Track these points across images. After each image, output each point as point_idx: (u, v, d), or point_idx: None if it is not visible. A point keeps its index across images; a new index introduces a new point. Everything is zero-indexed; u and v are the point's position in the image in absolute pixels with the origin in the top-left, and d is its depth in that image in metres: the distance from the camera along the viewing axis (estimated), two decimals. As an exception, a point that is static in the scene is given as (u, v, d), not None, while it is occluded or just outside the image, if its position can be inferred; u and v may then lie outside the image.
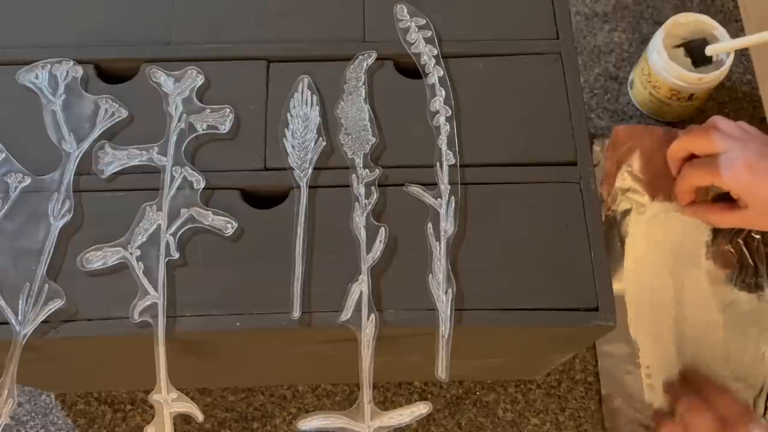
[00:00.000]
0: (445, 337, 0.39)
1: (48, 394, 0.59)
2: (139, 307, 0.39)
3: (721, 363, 0.60)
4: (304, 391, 0.60)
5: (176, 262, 0.40)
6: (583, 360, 0.61)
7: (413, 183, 0.42)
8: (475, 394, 0.60)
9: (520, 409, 0.60)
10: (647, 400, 0.59)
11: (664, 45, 0.63)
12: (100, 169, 0.42)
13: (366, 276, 0.40)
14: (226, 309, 0.39)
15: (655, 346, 0.61)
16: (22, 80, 0.44)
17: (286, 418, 0.59)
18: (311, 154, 0.43)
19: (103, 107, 0.44)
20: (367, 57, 0.45)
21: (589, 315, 0.40)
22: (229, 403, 0.59)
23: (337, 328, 0.39)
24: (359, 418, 0.39)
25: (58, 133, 0.43)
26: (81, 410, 0.59)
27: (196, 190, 0.42)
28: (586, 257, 0.41)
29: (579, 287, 0.40)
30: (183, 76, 0.45)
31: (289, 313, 0.39)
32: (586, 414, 0.60)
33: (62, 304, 0.39)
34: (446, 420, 0.59)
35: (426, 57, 0.45)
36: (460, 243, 0.41)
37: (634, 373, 0.60)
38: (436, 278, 0.40)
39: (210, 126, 0.43)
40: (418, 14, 0.47)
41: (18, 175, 0.42)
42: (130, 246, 0.40)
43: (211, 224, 0.41)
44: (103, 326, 0.39)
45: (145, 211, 0.41)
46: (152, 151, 0.43)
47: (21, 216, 0.41)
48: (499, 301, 0.40)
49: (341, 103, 0.44)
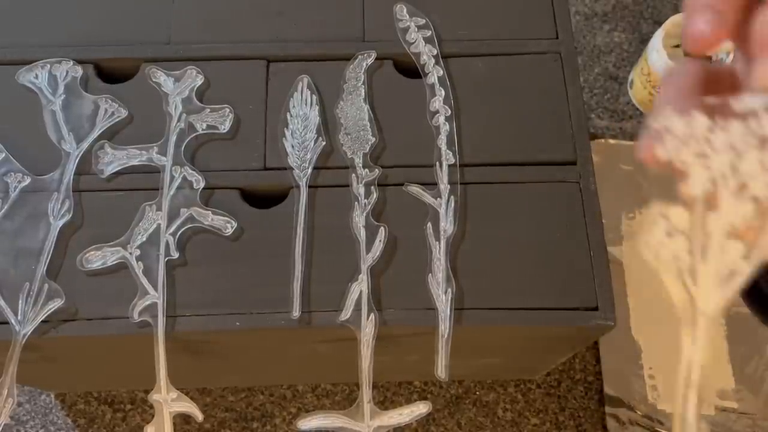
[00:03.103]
0: (444, 336, 0.39)
1: (48, 394, 0.59)
2: (138, 306, 0.39)
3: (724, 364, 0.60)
4: (304, 391, 0.60)
5: (176, 262, 0.40)
6: (583, 359, 0.61)
7: (413, 182, 0.42)
8: (475, 394, 0.60)
9: (520, 408, 0.60)
10: (650, 400, 0.59)
11: (664, 45, 0.63)
12: (100, 169, 0.42)
13: (366, 275, 0.40)
14: (226, 309, 0.39)
15: (658, 346, 0.61)
16: (21, 80, 0.44)
17: (286, 418, 0.59)
18: (311, 154, 0.43)
19: (103, 107, 0.44)
20: (366, 57, 0.45)
21: (589, 314, 0.40)
22: (229, 402, 0.59)
23: (337, 327, 0.39)
24: (359, 418, 0.39)
25: (57, 132, 0.43)
26: (81, 410, 0.59)
27: (195, 190, 0.42)
28: (586, 256, 0.41)
29: (579, 286, 0.40)
30: (183, 76, 0.45)
31: (288, 312, 0.39)
32: (586, 414, 0.60)
33: (62, 303, 0.39)
34: (446, 420, 0.59)
35: (425, 57, 0.45)
36: (460, 242, 0.41)
37: (637, 374, 0.60)
38: (436, 278, 0.40)
39: (209, 126, 0.43)
40: (418, 14, 0.47)
41: (18, 174, 0.42)
42: (129, 246, 0.40)
43: (211, 224, 0.41)
44: (102, 326, 0.39)
45: (145, 210, 0.41)
46: (152, 151, 0.43)
47: (21, 216, 0.41)
48: (498, 301, 0.40)
49: (341, 102, 0.44)
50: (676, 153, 0.22)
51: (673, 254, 0.23)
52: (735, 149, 0.21)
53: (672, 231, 0.22)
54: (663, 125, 0.22)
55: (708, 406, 0.59)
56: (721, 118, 0.21)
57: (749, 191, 0.21)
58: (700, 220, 0.22)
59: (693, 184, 0.22)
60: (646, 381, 0.60)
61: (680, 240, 0.22)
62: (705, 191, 0.22)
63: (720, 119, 0.21)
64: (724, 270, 0.22)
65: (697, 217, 0.22)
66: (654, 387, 0.60)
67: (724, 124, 0.21)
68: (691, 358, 0.24)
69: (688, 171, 0.22)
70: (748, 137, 0.21)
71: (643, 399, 0.59)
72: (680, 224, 0.22)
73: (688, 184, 0.22)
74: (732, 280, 0.22)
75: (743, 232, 0.21)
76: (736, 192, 0.21)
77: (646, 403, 0.59)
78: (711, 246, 0.22)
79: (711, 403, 0.59)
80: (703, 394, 0.25)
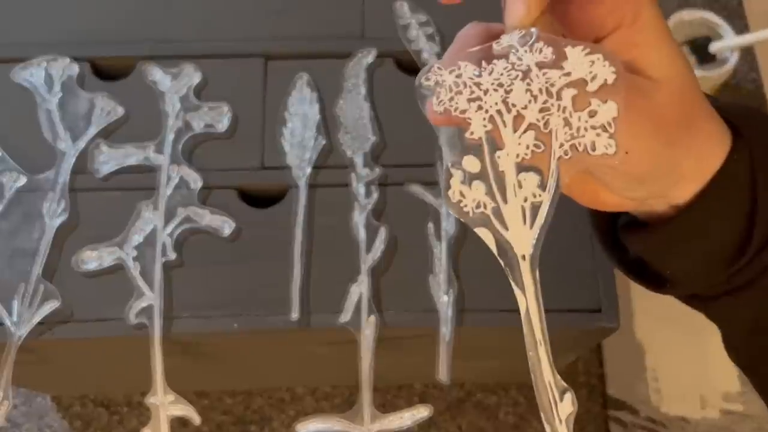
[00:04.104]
0: (446, 338, 0.38)
1: (43, 396, 0.59)
2: (135, 308, 0.38)
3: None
4: (303, 394, 0.59)
5: (173, 263, 0.40)
6: (586, 362, 0.61)
7: (414, 182, 0.42)
8: (477, 397, 0.60)
9: (522, 411, 0.59)
10: (653, 403, 0.59)
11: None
12: (96, 168, 0.42)
13: (366, 276, 0.39)
14: (224, 310, 0.39)
15: (662, 348, 0.60)
16: (16, 78, 0.44)
17: (285, 421, 0.58)
18: (310, 153, 0.42)
19: (99, 105, 0.43)
20: (366, 54, 0.45)
21: (593, 316, 0.39)
22: (227, 405, 0.59)
23: (337, 329, 0.39)
24: (359, 421, 0.39)
25: (53, 131, 0.43)
26: (77, 412, 0.58)
27: (193, 190, 0.41)
28: (589, 257, 0.40)
29: (582, 288, 0.40)
30: (180, 74, 0.44)
31: (287, 314, 0.39)
32: (589, 416, 0.59)
33: (58, 305, 0.38)
34: (447, 423, 0.59)
35: (427, 54, 0.45)
36: (462, 243, 0.41)
37: (641, 376, 0.60)
38: (437, 279, 0.39)
39: (207, 124, 0.43)
40: (419, 11, 0.46)
41: (13, 174, 0.41)
42: (126, 246, 0.40)
43: (209, 224, 0.40)
44: (98, 328, 0.39)
45: (142, 210, 0.40)
46: (149, 150, 0.42)
47: (16, 215, 0.41)
48: (500, 302, 0.40)
49: (340, 101, 0.44)
50: (450, 104, 0.23)
51: (475, 201, 0.23)
52: (503, 85, 0.22)
53: (468, 179, 0.23)
54: (433, 80, 0.24)
55: (712, 408, 0.59)
56: (488, 63, 0.23)
57: (525, 120, 0.22)
58: (491, 161, 0.23)
59: (474, 128, 0.23)
60: (649, 384, 0.59)
61: (477, 185, 0.23)
62: (487, 132, 0.23)
63: (486, 64, 0.23)
64: (527, 205, 0.23)
65: (486, 159, 0.23)
66: (657, 390, 0.59)
67: (490, 66, 0.23)
68: (529, 308, 0.25)
69: (467, 118, 0.23)
70: (511, 71, 0.22)
71: (646, 401, 0.59)
72: (474, 170, 0.23)
73: (470, 130, 0.23)
74: (537, 214, 0.23)
75: (531, 161, 0.22)
76: (514, 125, 0.22)
77: (649, 406, 0.59)
78: (508, 184, 0.23)
79: (715, 405, 0.59)
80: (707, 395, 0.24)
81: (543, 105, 0.22)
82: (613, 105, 0.22)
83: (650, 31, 0.23)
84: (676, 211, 0.26)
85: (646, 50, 0.23)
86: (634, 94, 0.22)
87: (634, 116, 0.22)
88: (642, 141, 0.23)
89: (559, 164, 0.22)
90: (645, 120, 0.23)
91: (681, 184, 0.25)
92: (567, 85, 0.22)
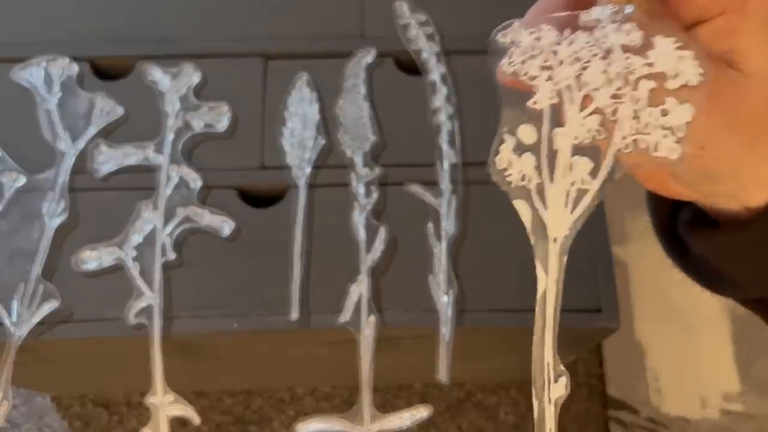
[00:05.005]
0: (446, 338, 0.38)
1: (43, 396, 0.59)
2: (134, 308, 0.38)
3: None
4: (303, 394, 0.59)
5: (172, 263, 0.40)
6: (586, 362, 0.60)
7: (414, 182, 0.42)
8: (477, 397, 0.60)
9: (522, 412, 0.59)
10: (654, 403, 0.59)
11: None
12: (96, 168, 0.42)
13: (365, 276, 0.39)
14: (223, 310, 0.39)
15: (662, 348, 0.60)
16: (16, 78, 0.44)
17: (285, 422, 0.58)
18: (310, 153, 0.42)
19: (99, 105, 0.43)
20: (366, 54, 0.45)
21: (592, 316, 0.39)
22: (226, 405, 0.59)
23: (336, 329, 0.39)
24: (358, 422, 0.39)
25: (53, 131, 0.42)
26: (76, 412, 0.58)
27: (192, 189, 0.41)
28: (589, 257, 0.40)
29: (582, 288, 0.40)
30: (179, 74, 0.44)
31: (287, 314, 0.39)
32: (589, 417, 0.59)
33: (57, 305, 0.38)
34: (447, 423, 0.59)
35: (426, 54, 0.45)
36: (462, 243, 0.41)
37: (641, 376, 0.59)
38: (437, 279, 0.39)
39: (207, 124, 0.43)
40: (419, 10, 0.46)
41: (12, 173, 0.41)
42: (125, 246, 0.40)
43: (208, 224, 0.40)
44: (98, 328, 0.39)
45: (141, 210, 0.40)
46: (148, 150, 0.42)
47: (16, 215, 0.41)
48: (500, 302, 0.40)
49: (340, 101, 0.44)
50: (521, 66, 0.22)
51: (521, 173, 0.22)
52: (580, 60, 0.21)
53: (520, 148, 0.22)
54: (510, 39, 0.22)
55: (712, 408, 0.58)
56: (571, 31, 0.21)
57: (593, 103, 0.21)
58: (548, 135, 0.22)
59: (539, 97, 0.21)
60: (649, 383, 0.59)
61: (527, 157, 0.22)
62: (551, 105, 0.21)
63: (569, 33, 0.21)
64: (572, 189, 0.22)
65: (544, 132, 0.22)
66: (658, 390, 0.59)
67: (572, 37, 0.21)
68: (546, 291, 0.23)
69: (535, 85, 0.21)
70: (593, 48, 0.21)
71: (646, 401, 0.59)
72: (528, 141, 0.22)
73: (535, 99, 0.21)
74: (581, 200, 0.22)
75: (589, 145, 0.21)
76: (581, 105, 0.21)
77: (649, 406, 0.59)
78: (559, 164, 0.22)
79: (715, 405, 0.59)
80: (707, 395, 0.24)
81: (616, 91, 0.20)
82: (689, 109, 0.20)
83: (755, 21, 0.21)
84: (749, 213, 0.25)
85: (745, 39, 0.21)
86: (722, 84, 0.21)
87: (717, 108, 0.21)
88: (720, 137, 0.21)
89: (617, 156, 0.21)
90: (727, 115, 0.21)
91: (756, 187, 0.24)
92: (647, 76, 0.20)
